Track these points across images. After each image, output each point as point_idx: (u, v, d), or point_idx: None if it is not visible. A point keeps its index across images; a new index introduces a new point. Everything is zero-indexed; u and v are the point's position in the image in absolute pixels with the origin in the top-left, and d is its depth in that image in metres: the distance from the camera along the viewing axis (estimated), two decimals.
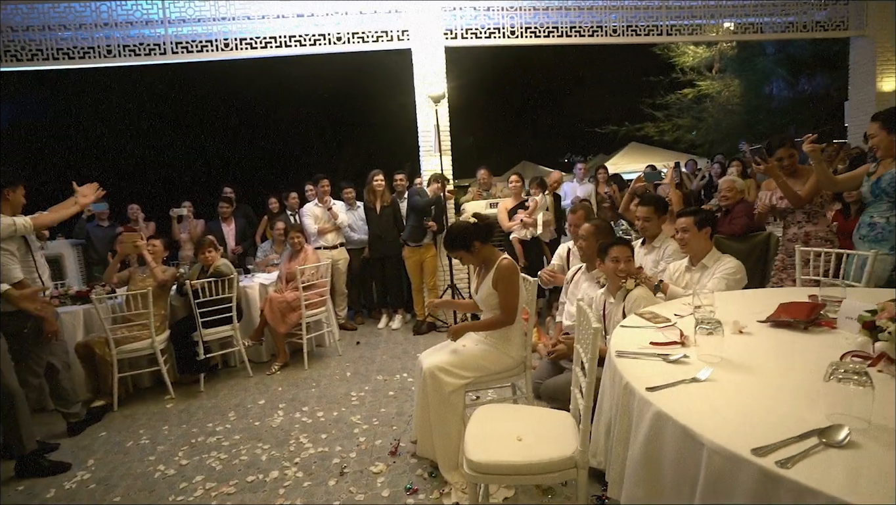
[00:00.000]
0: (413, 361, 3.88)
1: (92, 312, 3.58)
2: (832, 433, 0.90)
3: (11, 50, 4.82)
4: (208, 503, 2.16)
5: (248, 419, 3.05)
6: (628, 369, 1.35)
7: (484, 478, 1.48)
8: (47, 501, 2.31)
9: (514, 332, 2.28)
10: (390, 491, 2.15)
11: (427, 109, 4.94)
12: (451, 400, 2.15)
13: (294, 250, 4.26)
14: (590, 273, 2.72)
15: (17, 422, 2.49)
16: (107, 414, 3.32)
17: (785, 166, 2.85)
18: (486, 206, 5.00)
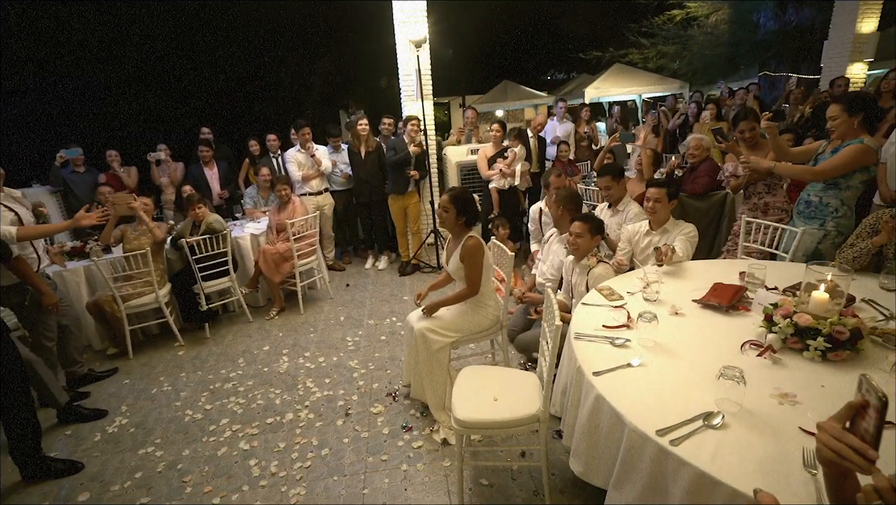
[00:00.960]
0: (400, 304, 4.30)
1: (93, 268, 3.78)
2: (712, 417, 1.27)
3: None
4: (237, 443, 2.58)
5: (257, 365, 3.44)
6: (582, 352, 1.70)
7: (468, 431, 1.88)
8: (96, 444, 2.71)
9: (489, 297, 2.61)
10: (389, 428, 2.60)
11: (408, 53, 4.81)
12: (438, 356, 2.53)
13: (282, 202, 4.40)
14: (560, 236, 3.02)
15: (43, 384, 2.76)
16: (122, 364, 3.66)
17: (747, 139, 3.06)
18: (467, 152, 5.12)
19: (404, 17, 4.76)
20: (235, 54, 11.80)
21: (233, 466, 2.41)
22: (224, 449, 2.55)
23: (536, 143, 5.36)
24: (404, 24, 4.77)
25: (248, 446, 2.55)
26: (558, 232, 3.03)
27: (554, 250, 3.01)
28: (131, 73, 10.53)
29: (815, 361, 1.53)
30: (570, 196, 2.90)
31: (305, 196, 4.91)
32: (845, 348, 1.52)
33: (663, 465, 1.20)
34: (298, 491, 2.20)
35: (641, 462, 1.25)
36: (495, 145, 4.81)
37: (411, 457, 2.36)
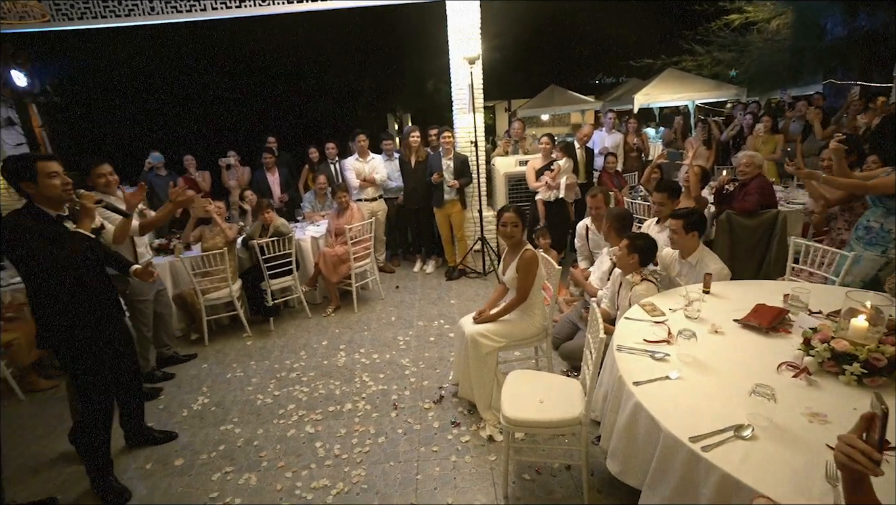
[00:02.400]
0: (448, 308, 4.53)
1: (176, 264, 4.26)
2: (742, 429, 1.41)
3: (62, 9, 5.03)
4: (304, 427, 2.89)
5: (317, 358, 3.77)
6: (623, 363, 1.86)
7: (515, 428, 2.08)
8: (184, 419, 3.11)
9: (537, 307, 2.80)
10: (439, 423, 2.83)
11: (462, 68, 5.04)
12: (487, 359, 2.73)
13: (342, 208, 4.75)
14: (610, 249, 3.15)
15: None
16: (199, 350, 4.10)
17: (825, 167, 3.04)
18: (515, 164, 5.29)
19: (459, 34, 4.99)
20: (295, 65, 12.55)
21: (301, 447, 2.72)
22: (292, 431, 2.87)
23: (584, 153, 5.46)
24: (458, 40, 5.00)
25: (313, 430, 2.85)
26: (609, 244, 3.16)
27: (604, 262, 3.15)
28: (206, 88, 11.55)
29: (851, 385, 1.62)
30: (619, 215, 3.03)
31: (361, 202, 5.25)
32: (882, 375, 1.61)
33: (695, 468, 1.35)
34: (359, 472, 2.47)
35: (674, 465, 1.41)
36: (544, 157, 4.95)
37: (459, 450, 2.58)
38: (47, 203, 2.18)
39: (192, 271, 3.98)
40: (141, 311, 3.46)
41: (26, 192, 2.13)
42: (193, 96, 11.62)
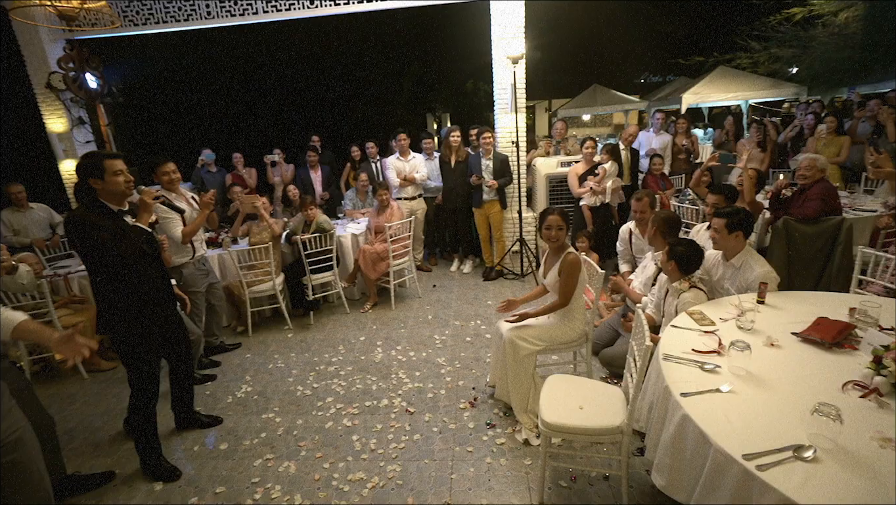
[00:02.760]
0: (484, 308, 4.51)
1: (224, 256, 4.45)
2: (803, 450, 1.32)
3: (129, 15, 5.36)
4: (342, 420, 2.95)
5: (355, 353, 3.85)
6: (670, 373, 1.78)
7: (554, 434, 2.04)
8: (229, 405, 3.24)
9: (578, 311, 2.73)
10: (474, 424, 2.82)
11: (504, 68, 5.00)
12: (525, 362, 2.70)
13: (382, 206, 4.82)
14: (655, 253, 3.04)
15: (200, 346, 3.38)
16: (243, 340, 4.26)
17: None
18: (557, 164, 5.20)
19: (502, 33, 4.95)
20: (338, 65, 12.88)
21: (338, 439, 2.78)
22: (330, 423, 2.93)
23: (629, 155, 5.30)
24: (502, 39, 4.96)
25: (350, 424, 2.91)
26: (653, 249, 3.06)
27: (647, 266, 3.05)
28: (254, 88, 12.09)
29: None
30: (667, 219, 2.92)
31: (401, 201, 5.30)
32: None
33: (748, 488, 1.28)
34: (394, 468, 2.50)
35: (725, 482, 1.34)
36: (587, 162, 4.84)
37: (494, 452, 2.56)
38: (110, 198, 2.32)
39: (239, 264, 4.14)
40: (194, 302, 3.63)
41: (93, 187, 2.28)
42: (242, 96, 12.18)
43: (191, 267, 3.46)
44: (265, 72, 12.32)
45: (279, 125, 11.80)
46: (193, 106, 11.28)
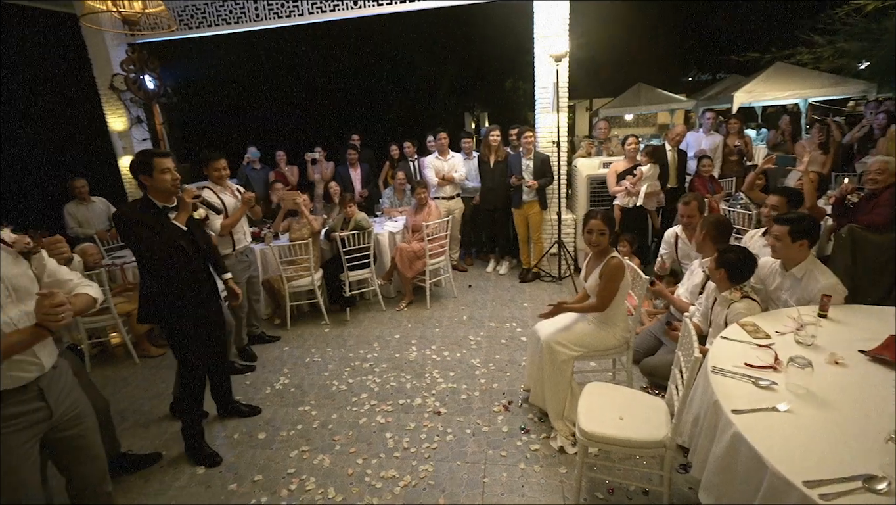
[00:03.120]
0: (520, 311, 4.44)
1: (266, 251, 4.58)
2: (876, 482, 1.21)
3: (184, 19, 5.61)
4: (375, 417, 2.98)
5: (390, 350, 3.87)
6: (720, 387, 1.68)
7: (591, 443, 1.97)
8: (267, 396, 3.33)
9: (620, 318, 2.64)
10: (508, 428, 2.78)
11: (546, 66, 4.91)
12: (562, 367, 2.63)
13: (420, 204, 4.83)
14: (702, 260, 2.89)
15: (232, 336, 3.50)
16: (282, 333, 4.38)
17: None
18: (599, 165, 5.06)
19: (545, 31, 4.86)
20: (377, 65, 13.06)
21: (372, 435, 2.80)
22: (364, 419, 2.96)
23: (675, 156, 5.08)
24: (545, 38, 4.87)
25: (383, 421, 2.93)
26: (701, 255, 2.91)
27: (695, 273, 2.91)
28: (297, 87, 12.48)
29: None
30: (718, 223, 2.77)
31: (439, 200, 5.31)
32: None
33: None
34: (426, 468, 2.49)
35: None
36: (629, 160, 4.68)
37: (528, 458, 2.51)
38: (158, 195, 2.42)
39: (280, 259, 4.26)
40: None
41: (143, 183, 2.39)
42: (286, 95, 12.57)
43: (233, 259, 3.58)
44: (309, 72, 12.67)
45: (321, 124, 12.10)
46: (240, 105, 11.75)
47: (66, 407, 1.70)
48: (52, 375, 1.65)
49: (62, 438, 1.72)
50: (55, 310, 1.45)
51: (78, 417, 1.76)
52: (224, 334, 2.95)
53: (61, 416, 1.68)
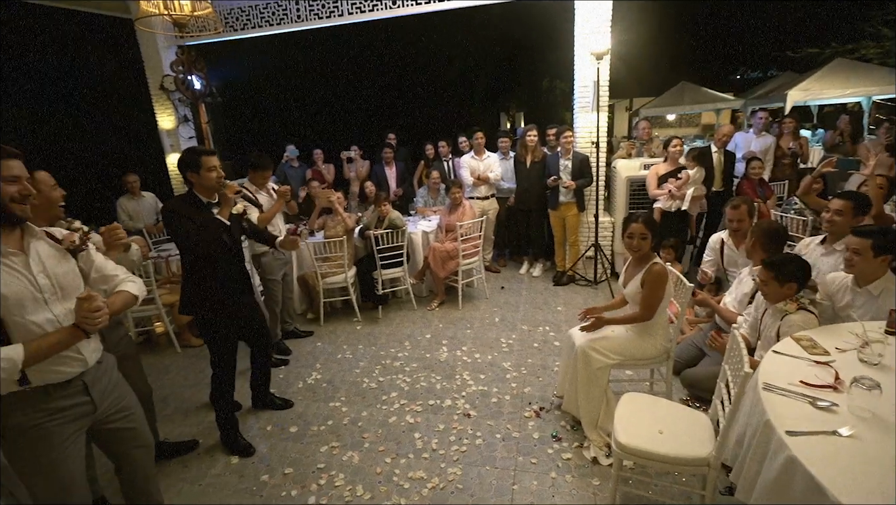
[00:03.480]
0: (553, 314, 4.35)
1: (301, 247, 4.65)
2: None
3: (230, 21, 5.80)
4: (405, 416, 2.97)
5: (420, 350, 3.86)
6: (773, 406, 1.57)
7: (628, 456, 1.89)
8: (299, 390, 3.39)
9: (661, 326, 2.52)
10: (539, 434, 2.71)
11: (587, 64, 4.77)
12: (598, 375, 2.54)
13: (454, 204, 4.81)
14: (753, 268, 2.73)
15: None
16: (315, 328, 4.45)
17: None
18: (640, 167, 4.88)
19: (586, 28, 4.73)
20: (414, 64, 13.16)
21: (401, 435, 2.79)
22: (393, 418, 2.96)
23: (721, 157, 4.83)
24: (586, 35, 4.74)
25: (413, 421, 2.92)
26: (752, 264, 2.75)
27: (744, 281, 2.75)
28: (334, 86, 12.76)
29: None
30: (771, 230, 2.60)
31: (473, 200, 5.26)
32: None
33: None
34: (455, 471, 2.46)
35: None
36: (671, 162, 4.49)
37: (560, 467, 2.44)
38: (203, 191, 2.50)
39: (315, 256, 4.33)
40: (271, 289, 3.85)
41: (189, 180, 2.47)
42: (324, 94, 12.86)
43: (269, 256, 3.66)
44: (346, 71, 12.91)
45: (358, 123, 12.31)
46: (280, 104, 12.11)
47: (110, 401, 1.74)
48: (97, 371, 1.69)
49: (110, 429, 1.77)
50: (92, 314, 1.48)
51: (124, 409, 1.81)
52: (264, 327, 3.01)
53: (106, 409, 1.72)
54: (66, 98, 7.67)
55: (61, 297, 1.56)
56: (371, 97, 13.41)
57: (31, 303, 1.48)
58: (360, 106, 13.19)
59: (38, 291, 1.50)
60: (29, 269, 1.50)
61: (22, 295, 1.46)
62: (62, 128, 7.55)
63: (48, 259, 1.56)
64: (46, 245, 1.59)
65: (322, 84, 12.80)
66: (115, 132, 7.76)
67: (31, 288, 1.49)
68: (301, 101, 12.52)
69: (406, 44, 12.13)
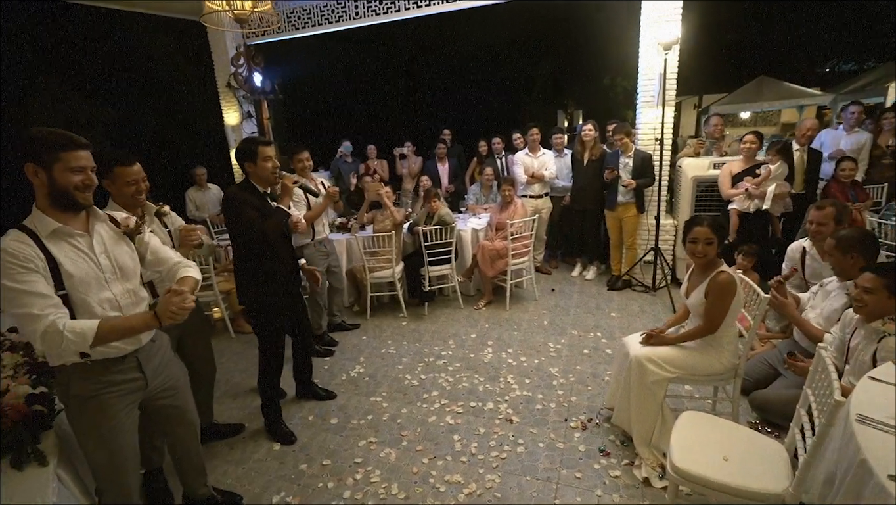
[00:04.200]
0: (606, 320, 4.11)
1: (350, 241, 4.72)
2: None
3: (291, 20, 5.99)
4: (444, 416, 2.90)
5: (465, 350, 3.77)
6: (869, 442, 1.33)
7: (686, 484, 1.70)
8: (342, 382, 3.41)
9: (729, 341, 2.27)
10: (586, 447, 2.54)
11: (653, 55, 4.46)
12: (653, 389, 2.33)
13: (505, 202, 4.68)
14: (844, 282, 2.40)
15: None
16: (362, 321, 4.48)
17: None
18: (709, 166, 4.51)
19: (655, 16, 4.42)
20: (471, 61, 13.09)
21: (439, 435, 2.72)
22: (433, 418, 2.89)
23: (804, 156, 4.34)
24: (654, 23, 4.43)
25: (453, 422, 2.84)
26: (839, 278, 2.42)
27: (831, 296, 2.43)
28: (390, 82, 12.97)
29: None
30: (859, 238, 2.27)
31: (526, 198, 5.10)
32: None
33: None
34: (493, 478, 2.35)
35: None
36: (746, 160, 4.09)
37: (607, 484, 2.26)
38: (259, 181, 2.55)
39: (363, 250, 4.36)
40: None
41: (247, 170, 2.53)
42: (380, 90, 13.10)
43: (311, 248, 3.71)
44: (402, 67, 13.07)
45: (412, 118, 12.44)
46: (336, 101, 12.48)
47: (161, 379, 1.82)
48: (150, 349, 1.77)
49: (158, 406, 1.87)
50: (182, 310, 1.53)
51: (173, 389, 1.89)
52: (306, 319, 3.06)
53: (157, 386, 1.80)
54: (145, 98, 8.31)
55: (120, 277, 1.64)
56: (426, 94, 13.49)
57: (94, 282, 1.56)
58: (415, 102, 13.30)
59: (100, 270, 1.58)
60: (92, 250, 1.58)
61: (87, 274, 1.54)
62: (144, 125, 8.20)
63: (109, 241, 1.64)
64: (108, 228, 1.67)
65: (378, 80, 13.03)
66: (184, 128, 8.31)
67: (94, 268, 1.56)
68: (356, 97, 12.83)
69: (461, 40, 12.08)
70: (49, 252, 1.47)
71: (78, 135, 1.53)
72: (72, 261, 1.51)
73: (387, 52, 12.33)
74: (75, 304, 1.52)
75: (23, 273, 1.40)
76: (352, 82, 12.66)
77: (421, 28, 8.99)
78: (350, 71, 12.38)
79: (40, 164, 1.45)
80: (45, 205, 1.51)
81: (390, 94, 13.20)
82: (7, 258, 1.39)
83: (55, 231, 1.50)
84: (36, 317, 1.40)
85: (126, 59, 8.01)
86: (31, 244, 1.44)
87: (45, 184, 1.47)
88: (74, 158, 1.50)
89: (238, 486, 2.42)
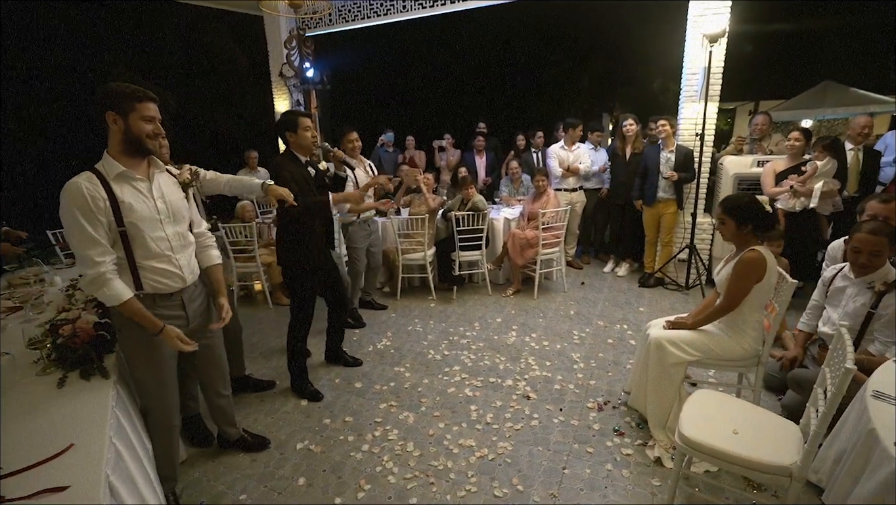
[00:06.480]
0: (635, 314, 4.07)
1: (386, 224, 4.88)
2: None
3: (342, 13, 6.25)
4: (464, 389, 2.99)
5: (489, 332, 3.85)
6: (880, 415, 1.32)
7: (692, 453, 1.71)
8: (369, 353, 3.57)
9: (752, 325, 2.23)
10: (600, 426, 2.56)
11: (698, 49, 4.37)
12: (671, 371, 2.32)
13: (538, 192, 4.71)
14: (862, 278, 2.30)
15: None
16: (391, 302, 4.63)
17: None
18: (751, 164, 4.36)
19: (702, 9, 4.32)
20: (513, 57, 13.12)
21: (457, 405, 2.81)
22: (452, 389, 2.99)
23: (859, 156, 4.12)
24: (701, 17, 4.34)
25: (471, 394, 2.92)
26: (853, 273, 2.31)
27: (849, 295, 2.33)
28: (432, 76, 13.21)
29: None
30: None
31: (560, 192, 5.11)
32: None
33: None
34: (506, 445, 2.42)
35: None
36: (791, 158, 3.93)
37: (618, 461, 2.28)
38: (300, 150, 2.74)
39: (397, 232, 4.51)
40: (354, 257, 4.08)
41: (288, 139, 2.72)
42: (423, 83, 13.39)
43: (356, 226, 3.89)
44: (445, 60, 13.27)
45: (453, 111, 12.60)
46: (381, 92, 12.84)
47: (199, 321, 2.01)
48: (193, 291, 1.97)
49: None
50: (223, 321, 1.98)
51: (208, 331, 2.07)
52: (342, 288, 3.21)
53: (195, 326, 1.99)
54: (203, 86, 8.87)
55: (173, 220, 1.84)
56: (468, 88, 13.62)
57: (151, 222, 1.76)
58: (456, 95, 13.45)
59: (156, 213, 1.78)
60: (151, 193, 1.78)
61: (145, 214, 1.74)
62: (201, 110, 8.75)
63: (166, 188, 1.84)
64: (166, 176, 1.88)
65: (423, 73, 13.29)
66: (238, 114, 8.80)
67: (152, 210, 1.77)
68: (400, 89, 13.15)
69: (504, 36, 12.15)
70: (113, 192, 1.67)
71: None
72: (133, 200, 1.71)
73: (431, 44, 12.54)
74: (133, 238, 1.72)
75: (90, 214, 1.61)
76: (396, 74, 12.99)
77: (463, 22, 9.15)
78: (393, 63, 12.71)
79: (119, 112, 1.66)
80: (117, 151, 1.72)
81: (431, 86, 13.44)
82: (80, 195, 1.60)
83: (120, 174, 1.70)
84: (93, 262, 1.63)
85: (189, 49, 8.61)
86: (98, 184, 1.65)
87: (121, 130, 1.68)
88: (147, 109, 1.70)
89: (266, 432, 2.60)
